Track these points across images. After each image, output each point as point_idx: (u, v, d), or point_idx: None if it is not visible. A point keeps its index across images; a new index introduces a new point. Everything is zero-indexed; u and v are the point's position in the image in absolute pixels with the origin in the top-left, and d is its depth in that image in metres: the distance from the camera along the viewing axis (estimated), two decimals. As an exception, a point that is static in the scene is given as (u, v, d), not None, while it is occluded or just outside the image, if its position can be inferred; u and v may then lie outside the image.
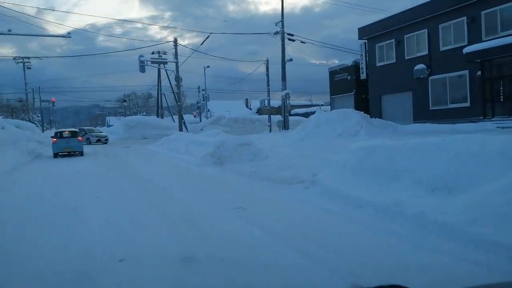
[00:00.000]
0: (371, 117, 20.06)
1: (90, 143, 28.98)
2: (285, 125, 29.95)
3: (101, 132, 33.75)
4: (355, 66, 26.10)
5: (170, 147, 18.77)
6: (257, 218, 5.46)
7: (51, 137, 18.67)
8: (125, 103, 61.85)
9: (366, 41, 25.21)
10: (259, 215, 5.66)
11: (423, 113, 21.43)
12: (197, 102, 44.13)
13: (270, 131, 30.70)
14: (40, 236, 5.02)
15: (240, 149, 13.97)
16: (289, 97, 29.78)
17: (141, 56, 24.00)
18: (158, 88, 42.83)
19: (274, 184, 8.53)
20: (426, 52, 21.44)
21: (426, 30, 21.37)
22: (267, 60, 30.50)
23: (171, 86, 41.75)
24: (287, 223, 5.15)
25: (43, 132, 45.26)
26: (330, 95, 28.62)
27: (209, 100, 42.87)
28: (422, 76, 21.20)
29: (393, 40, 23.23)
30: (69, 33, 16.01)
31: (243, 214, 5.75)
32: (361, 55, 25.48)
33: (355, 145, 7.82)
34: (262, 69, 32.64)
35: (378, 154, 6.76)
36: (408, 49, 22.59)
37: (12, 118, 42.22)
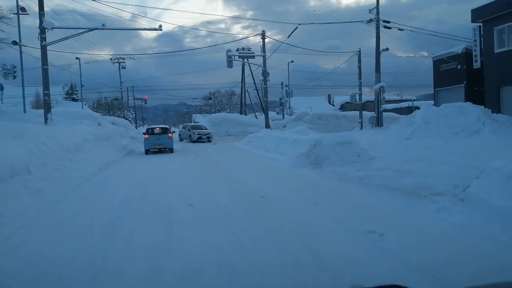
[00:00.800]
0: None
1: (191, 140, 25.83)
2: (378, 122, 27.33)
3: (206, 129, 27.66)
4: (466, 54, 22.56)
5: (258, 145, 17.69)
6: (410, 255, 3.80)
7: (143, 133, 18.78)
8: (210, 101, 63.13)
9: (481, 24, 21.58)
10: (409, 249, 3.99)
11: (559, 107, 17.52)
12: (280, 98, 42.92)
13: (361, 129, 28.27)
14: (124, 257, 3.94)
15: (339, 149, 12.24)
16: (383, 90, 27.07)
17: (228, 50, 23.27)
18: (241, 85, 42.54)
19: (399, 196, 6.72)
20: None
21: None
22: (359, 51, 28.05)
23: (255, 83, 41.22)
24: (467, 271, 3.39)
25: (136, 128, 47.91)
26: (434, 88, 25.26)
27: (292, 96, 41.40)
28: (559, 62, 17.30)
29: (518, 21, 19.43)
30: (160, 26, 15.63)
31: (384, 246, 4.12)
32: (474, 40, 21.88)
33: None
34: (344, 64, 30.21)
35: None
36: (539, 30, 18.69)
37: (109, 115, 45.21)
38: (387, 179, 8.53)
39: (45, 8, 14.65)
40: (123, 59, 44.05)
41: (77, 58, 35.43)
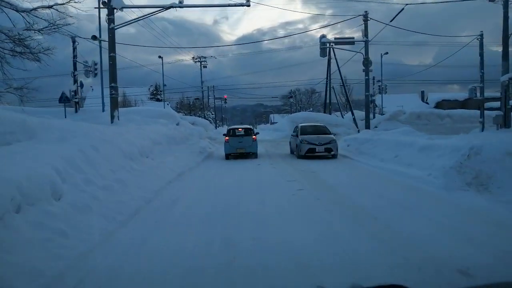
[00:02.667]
0: None
1: (298, 154, 14.35)
2: (505, 122, 21.58)
3: (326, 133, 14.85)
4: None
5: (364, 151, 13.80)
6: None
7: (223, 135, 15.86)
8: (291, 99, 59.57)
9: None
10: None
11: None
12: (370, 95, 37.88)
13: (483, 130, 22.70)
14: None
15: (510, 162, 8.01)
16: (513, 83, 21.25)
17: (322, 36, 19.44)
18: (326, 81, 38.41)
19: None
20: None
21: None
22: (481, 35, 22.46)
23: (341, 78, 36.79)
24: None
25: (216, 128, 46.43)
26: None
27: (386, 92, 36.19)
28: None
29: None
30: (248, 0, 12.65)
31: None
32: None
33: None
34: (429, 60, 24.72)
35: None
36: None
37: (190, 115, 44.24)
38: None
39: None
40: (205, 57, 42.65)
41: (160, 57, 34.43)
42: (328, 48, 20.06)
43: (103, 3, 19.08)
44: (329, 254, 3.97)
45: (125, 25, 12.71)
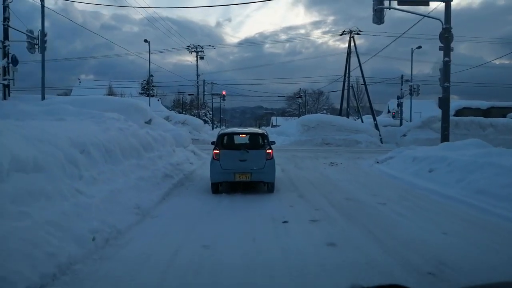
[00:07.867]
0: None
1: None
2: None
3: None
4: None
5: (486, 189, 6.51)
6: None
7: (212, 143, 8.10)
8: (299, 100, 52.02)
9: None
10: None
11: None
12: (397, 97, 30.69)
13: None
14: None
15: None
16: None
17: (378, -10, 12.00)
18: (344, 78, 31.18)
19: None
20: None
21: None
22: None
23: (363, 75, 29.51)
24: None
25: (212, 129, 39.40)
26: None
27: (419, 93, 28.93)
28: None
29: None
30: None
31: None
32: None
33: None
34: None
35: None
36: None
37: (183, 114, 37.06)
38: None
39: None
40: (202, 47, 35.46)
41: (145, 40, 27.25)
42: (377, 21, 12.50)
43: None
44: None
45: None
